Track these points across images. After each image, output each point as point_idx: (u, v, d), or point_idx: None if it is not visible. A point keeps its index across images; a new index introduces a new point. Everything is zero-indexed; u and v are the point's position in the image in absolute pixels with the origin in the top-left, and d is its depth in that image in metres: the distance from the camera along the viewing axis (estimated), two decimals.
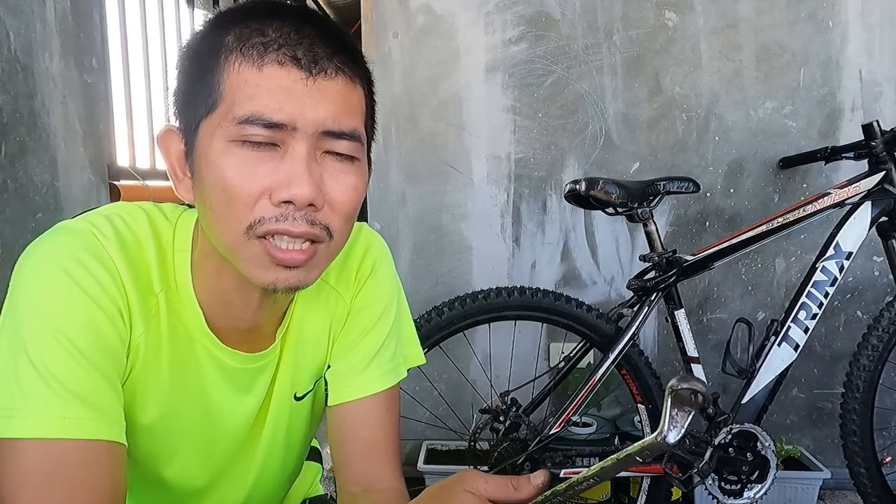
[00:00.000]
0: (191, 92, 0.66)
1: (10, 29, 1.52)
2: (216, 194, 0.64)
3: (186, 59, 0.67)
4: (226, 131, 0.63)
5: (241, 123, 0.62)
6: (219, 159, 0.63)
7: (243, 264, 0.67)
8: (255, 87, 0.62)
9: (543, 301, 1.55)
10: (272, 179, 0.63)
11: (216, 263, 0.71)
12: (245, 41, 0.63)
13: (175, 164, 0.70)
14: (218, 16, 0.67)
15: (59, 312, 0.63)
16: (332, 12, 5.85)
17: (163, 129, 0.69)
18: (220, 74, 0.63)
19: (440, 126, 2.09)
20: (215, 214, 0.65)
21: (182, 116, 0.68)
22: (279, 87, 0.62)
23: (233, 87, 0.62)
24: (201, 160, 0.65)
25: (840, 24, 2.01)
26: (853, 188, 1.58)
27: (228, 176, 0.63)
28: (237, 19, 0.64)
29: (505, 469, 1.49)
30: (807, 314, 1.58)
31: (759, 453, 1.56)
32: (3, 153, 1.50)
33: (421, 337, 1.49)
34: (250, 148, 0.63)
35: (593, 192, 1.50)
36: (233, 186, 0.63)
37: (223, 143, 0.63)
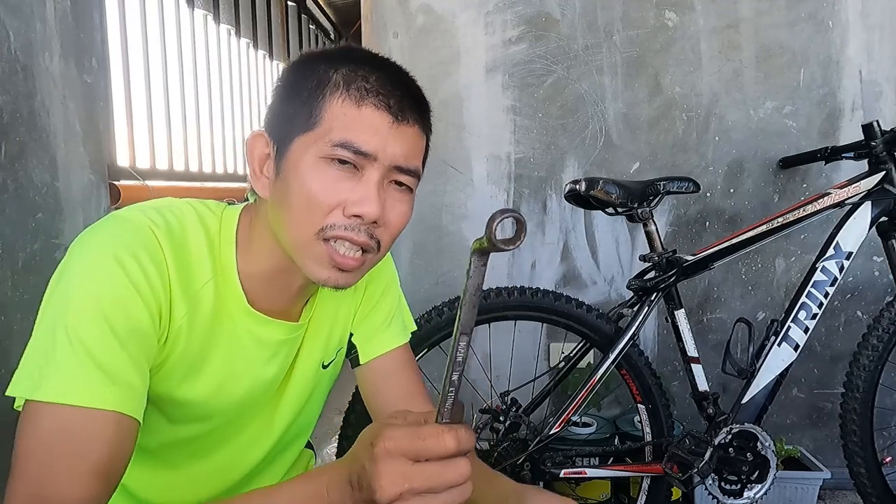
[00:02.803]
0: (290, 109, 0.79)
1: (10, 29, 1.52)
2: (299, 198, 0.77)
3: (289, 82, 0.81)
4: (319, 149, 0.76)
5: (336, 146, 0.76)
6: (308, 171, 0.77)
7: (305, 260, 0.80)
8: (353, 120, 0.77)
9: (543, 301, 1.54)
10: (348, 196, 0.77)
11: (267, 253, 0.84)
12: (351, 83, 0.77)
13: (256, 164, 0.83)
14: (326, 53, 0.82)
15: (105, 297, 0.71)
16: (332, 12, 5.84)
17: (254, 133, 0.83)
18: (323, 103, 0.77)
19: (440, 126, 2.09)
20: (293, 215, 0.78)
21: (275, 127, 0.81)
22: (371, 124, 0.77)
23: (333, 116, 0.77)
24: (291, 168, 0.78)
25: (840, 24, 2.01)
26: (853, 188, 1.58)
27: (315, 186, 0.76)
28: (345, 62, 0.79)
29: (505, 469, 1.49)
30: (807, 314, 1.58)
31: (759, 453, 1.56)
32: (3, 153, 1.50)
33: (421, 337, 1.51)
34: (336, 167, 0.77)
35: (593, 192, 1.50)
36: (316, 195, 0.77)
37: (314, 159, 0.77)
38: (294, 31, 4.68)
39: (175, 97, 2.94)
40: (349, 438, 1.48)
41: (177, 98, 2.96)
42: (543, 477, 1.53)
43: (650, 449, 1.64)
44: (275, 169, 0.80)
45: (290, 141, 0.78)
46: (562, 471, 1.54)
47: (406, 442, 0.58)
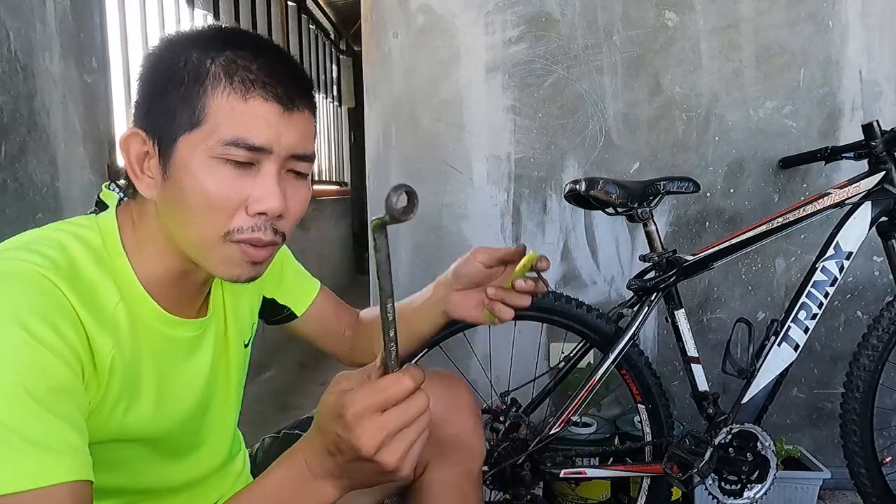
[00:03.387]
0: (167, 105, 0.74)
1: (10, 29, 1.52)
2: (197, 201, 0.74)
3: (158, 74, 0.76)
4: (209, 149, 0.73)
5: (227, 145, 0.73)
6: (201, 172, 0.73)
7: (212, 262, 0.78)
8: (241, 114, 0.73)
9: (543, 301, 1.54)
10: (248, 193, 0.75)
11: (161, 254, 0.81)
12: (233, 74, 0.73)
13: (134, 164, 0.78)
14: (195, 39, 0.76)
15: (17, 368, 0.63)
16: (333, 12, 5.85)
17: (129, 131, 0.77)
18: (205, 98, 0.73)
19: (440, 126, 2.09)
20: (193, 217, 0.75)
21: (152, 124, 0.76)
22: (261, 116, 0.74)
23: (218, 112, 0.73)
24: (181, 169, 0.74)
25: (840, 24, 2.01)
26: (853, 188, 1.58)
27: (211, 189, 0.74)
28: (220, 47, 0.74)
29: (504, 469, 1.49)
30: (807, 314, 1.58)
31: (759, 453, 1.56)
32: (3, 153, 1.50)
33: None
34: (231, 166, 0.74)
35: (593, 192, 1.50)
36: (215, 198, 0.74)
37: (205, 158, 0.73)
38: (294, 31, 4.68)
39: None
40: None
41: None
42: (543, 477, 1.53)
43: (650, 449, 1.64)
44: (160, 169, 0.76)
45: (174, 140, 0.74)
46: (562, 471, 1.54)
47: (371, 399, 0.64)
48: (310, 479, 0.70)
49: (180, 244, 0.79)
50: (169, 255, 0.81)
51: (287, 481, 0.71)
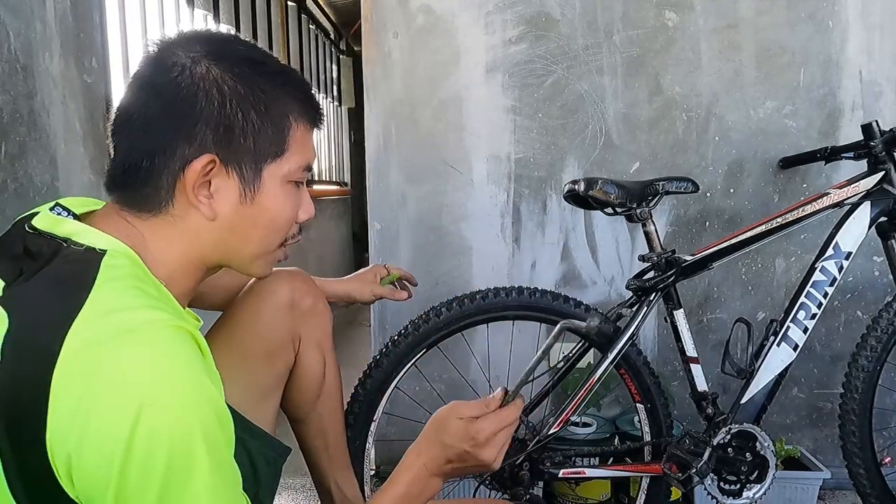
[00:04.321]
0: (252, 136, 0.79)
1: (10, 29, 1.52)
2: (276, 221, 0.84)
3: (237, 102, 0.78)
4: (289, 174, 0.83)
5: (304, 171, 0.85)
6: (281, 195, 0.83)
7: (257, 266, 0.89)
8: (308, 142, 0.86)
9: (542, 301, 1.54)
10: (298, 205, 0.87)
11: (186, 269, 0.82)
12: (307, 112, 0.85)
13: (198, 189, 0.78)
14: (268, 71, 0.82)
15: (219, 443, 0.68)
16: (333, 12, 5.85)
17: (207, 158, 0.77)
18: (290, 132, 0.82)
19: (440, 126, 2.09)
20: (265, 234, 0.85)
21: (232, 151, 0.79)
22: (312, 141, 0.87)
23: (298, 143, 0.83)
24: (265, 194, 0.82)
25: (840, 24, 2.01)
26: (852, 188, 1.58)
27: (288, 208, 0.85)
28: (294, 85, 0.84)
29: (504, 469, 1.49)
30: (806, 314, 1.58)
31: (759, 453, 1.56)
32: (3, 153, 1.50)
33: (420, 337, 1.51)
34: (294, 186, 0.86)
35: (592, 192, 1.50)
36: (290, 216, 0.86)
37: (282, 182, 0.83)
38: (294, 31, 4.68)
39: None
40: (348, 439, 1.48)
41: None
42: (543, 477, 1.53)
43: (649, 449, 1.64)
44: (241, 194, 0.80)
45: (261, 168, 0.81)
46: (561, 470, 1.54)
47: (496, 427, 0.91)
48: (428, 477, 0.94)
49: (225, 257, 0.85)
50: (195, 270, 0.84)
51: (415, 480, 0.93)
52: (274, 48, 4.26)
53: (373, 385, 1.51)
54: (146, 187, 0.77)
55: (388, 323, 2.16)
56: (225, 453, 0.69)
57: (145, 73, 0.80)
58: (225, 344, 1.21)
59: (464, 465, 0.93)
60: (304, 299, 1.29)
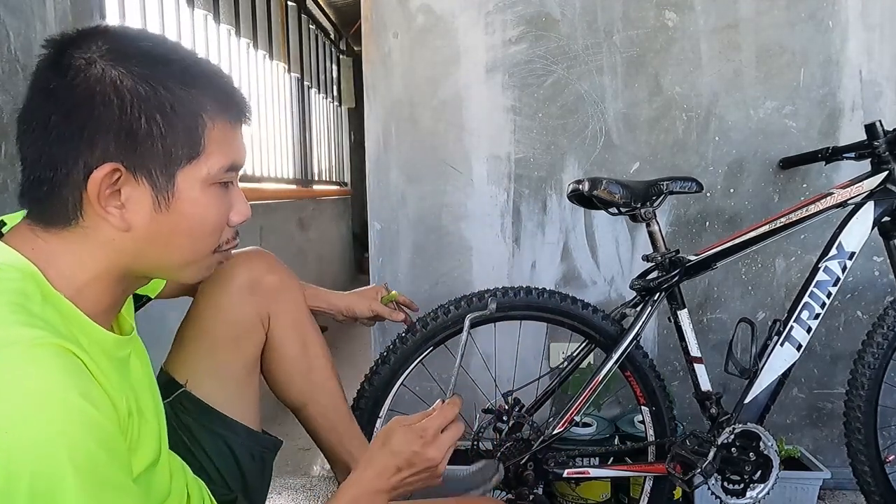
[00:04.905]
0: (159, 140, 0.73)
1: (10, 29, 1.52)
2: (199, 227, 0.78)
3: (134, 105, 0.72)
4: (209, 177, 0.77)
5: (226, 172, 0.78)
6: (202, 199, 0.77)
7: (188, 273, 0.83)
8: (232, 141, 0.79)
9: (549, 301, 1.54)
10: (228, 208, 0.82)
11: (104, 282, 0.77)
12: (225, 108, 0.78)
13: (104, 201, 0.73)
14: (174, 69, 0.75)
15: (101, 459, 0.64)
16: (333, 12, 5.85)
17: (109, 167, 0.71)
18: (203, 132, 0.76)
19: (440, 126, 2.09)
20: (188, 242, 0.79)
21: (138, 158, 0.73)
22: (240, 139, 0.82)
23: (213, 142, 0.77)
24: (181, 200, 0.76)
25: (840, 24, 2.02)
26: (856, 188, 1.58)
27: (212, 212, 0.79)
28: (207, 80, 0.77)
29: (508, 469, 1.49)
30: (809, 314, 1.58)
31: (762, 453, 1.56)
32: (3, 153, 1.49)
33: (427, 335, 1.51)
34: (220, 187, 0.79)
35: (597, 192, 1.50)
36: (216, 220, 0.80)
37: (204, 186, 0.77)
38: (294, 31, 4.68)
39: None
40: None
41: None
42: (547, 477, 1.53)
43: (653, 449, 1.64)
44: (154, 202, 0.74)
45: (174, 173, 0.75)
46: (565, 470, 1.54)
47: (438, 423, 0.96)
48: (374, 493, 0.94)
49: (149, 267, 0.80)
50: (114, 282, 0.78)
51: (361, 495, 0.94)
52: (274, 48, 4.26)
53: (380, 381, 1.50)
54: (52, 200, 0.73)
55: (389, 323, 2.15)
56: (108, 472, 0.64)
57: (42, 77, 0.74)
58: (193, 338, 1.19)
59: (411, 470, 0.95)
60: (265, 277, 1.23)
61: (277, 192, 4.15)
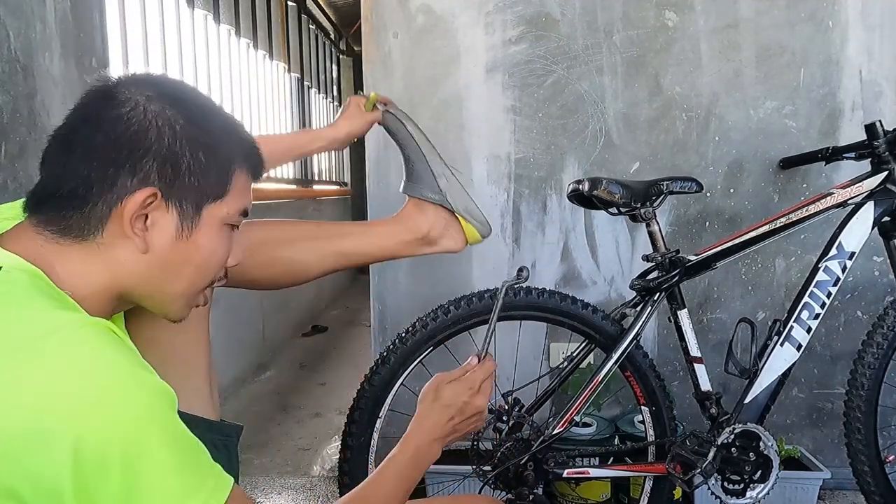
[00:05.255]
0: (197, 175, 0.80)
1: (10, 29, 1.52)
2: (208, 261, 0.85)
3: (193, 148, 0.80)
4: (226, 217, 0.84)
5: (241, 216, 0.87)
6: (217, 236, 0.84)
7: (175, 306, 0.86)
8: (247, 189, 0.88)
9: (549, 301, 1.54)
10: (230, 249, 0.88)
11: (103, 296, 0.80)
12: (251, 162, 0.88)
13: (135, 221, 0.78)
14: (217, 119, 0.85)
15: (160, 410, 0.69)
16: (332, 12, 5.85)
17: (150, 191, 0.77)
18: (232, 177, 0.84)
19: (440, 126, 2.09)
20: (194, 273, 0.84)
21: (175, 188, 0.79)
22: (251, 188, 0.89)
23: (239, 188, 0.85)
24: (202, 233, 0.83)
25: (840, 24, 2.02)
26: (856, 188, 1.58)
27: (221, 250, 0.86)
28: (239, 135, 0.87)
29: (508, 469, 1.49)
30: (809, 314, 1.58)
31: (762, 453, 1.56)
32: (3, 153, 1.50)
33: (428, 334, 1.51)
34: (229, 228, 0.87)
35: (597, 192, 1.50)
36: (221, 258, 0.87)
37: (220, 224, 0.84)
38: (294, 31, 4.68)
39: None
40: (353, 435, 1.49)
41: None
42: (547, 477, 1.53)
43: (653, 449, 1.64)
44: (179, 230, 0.80)
45: (201, 207, 0.82)
46: (565, 470, 1.54)
47: (482, 375, 1.14)
48: (431, 442, 1.07)
49: (146, 292, 0.83)
50: (109, 301, 0.81)
51: (422, 446, 1.06)
52: (274, 48, 4.26)
53: (380, 381, 1.50)
54: (76, 213, 0.76)
55: (389, 323, 2.16)
56: (184, 432, 0.72)
57: (92, 105, 0.79)
58: None
59: (462, 417, 1.10)
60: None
61: (277, 192, 4.16)
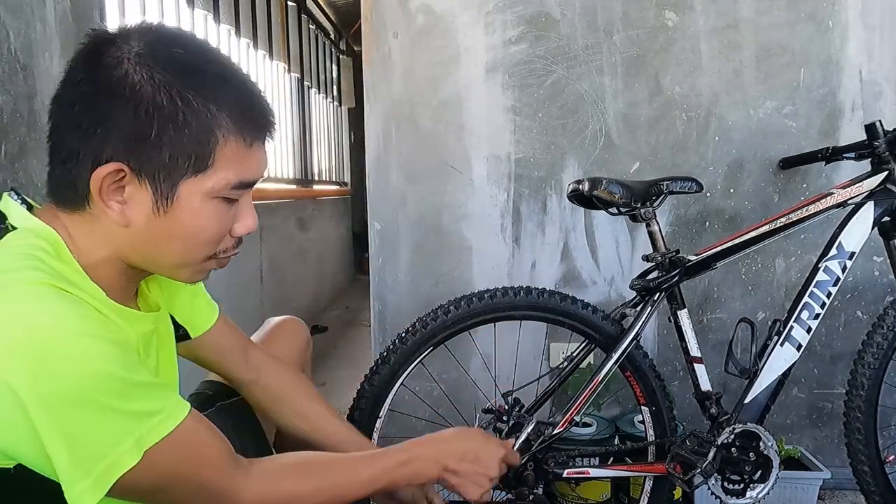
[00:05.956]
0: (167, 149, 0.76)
1: (10, 29, 1.52)
2: (194, 235, 0.81)
3: (148, 110, 0.74)
4: (212, 190, 0.79)
5: (232, 188, 0.80)
6: (202, 211, 0.79)
7: (181, 273, 0.86)
8: (244, 159, 0.80)
9: (549, 301, 1.54)
10: (232, 220, 0.84)
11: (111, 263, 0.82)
12: (245, 126, 0.79)
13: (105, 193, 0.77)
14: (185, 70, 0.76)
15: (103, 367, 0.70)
16: (332, 12, 5.84)
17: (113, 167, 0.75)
18: (214, 147, 0.77)
19: (440, 126, 2.09)
20: (182, 247, 0.81)
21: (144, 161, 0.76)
22: (258, 157, 0.82)
23: (224, 159, 0.78)
24: (181, 208, 0.78)
25: (840, 24, 2.02)
26: (856, 188, 1.58)
27: (210, 224, 0.81)
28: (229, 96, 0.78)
29: (508, 469, 1.49)
30: (809, 314, 1.58)
31: (762, 453, 1.56)
32: (3, 153, 1.49)
33: (427, 335, 1.51)
34: (224, 201, 0.81)
35: (597, 192, 1.50)
36: (213, 232, 0.82)
37: (206, 198, 0.79)
38: (294, 31, 4.68)
39: None
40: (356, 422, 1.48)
41: None
42: (547, 477, 1.53)
43: (653, 449, 1.64)
44: (154, 205, 0.78)
45: (176, 182, 0.77)
46: (565, 471, 1.54)
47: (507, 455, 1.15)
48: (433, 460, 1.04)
49: (144, 262, 0.84)
50: (118, 265, 0.83)
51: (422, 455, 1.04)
52: (274, 48, 4.26)
53: (380, 381, 1.50)
54: (67, 184, 0.78)
55: (389, 323, 2.16)
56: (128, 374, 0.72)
57: (75, 66, 0.78)
58: None
59: (471, 464, 1.06)
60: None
61: (278, 192, 4.15)
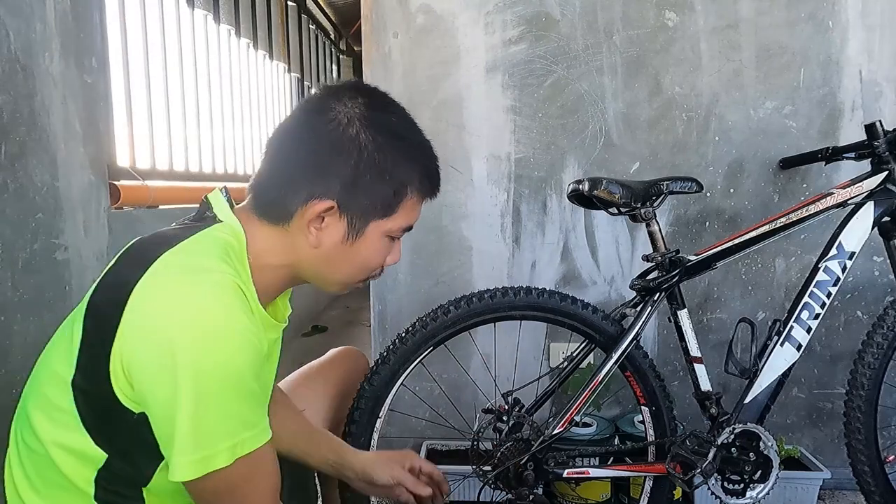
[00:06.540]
0: (371, 195, 0.95)
1: (10, 29, 1.52)
2: (364, 263, 1.01)
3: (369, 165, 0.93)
4: (388, 231, 0.99)
5: (403, 231, 1.01)
6: (376, 246, 0.99)
7: (334, 286, 1.04)
8: (415, 209, 1.01)
9: (549, 301, 1.54)
10: (388, 253, 1.03)
11: (276, 270, 0.98)
12: (426, 186, 1.01)
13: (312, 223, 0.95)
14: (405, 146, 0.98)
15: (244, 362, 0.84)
16: (332, 12, 5.84)
17: (329, 204, 0.93)
18: (403, 198, 0.97)
19: (440, 126, 2.09)
20: (350, 269, 1.01)
21: (351, 202, 0.94)
22: (420, 210, 1.02)
23: (407, 209, 0.99)
24: (364, 241, 0.97)
25: (840, 24, 2.02)
26: (856, 188, 1.57)
27: (377, 257, 1.01)
28: (423, 162, 1.00)
29: (508, 469, 1.49)
30: (809, 314, 1.58)
31: (762, 453, 1.56)
32: (3, 153, 1.50)
33: (427, 334, 1.51)
34: (390, 239, 1.01)
35: (597, 192, 1.50)
36: (377, 262, 1.02)
37: (381, 236, 0.99)
38: (294, 31, 4.67)
39: (175, 97, 2.93)
40: (353, 435, 1.48)
41: (177, 98, 2.96)
42: (547, 477, 1.53)
43: (653, 449, 1.64)
44: (345, 236, 0.96)
45: (368, 222, 0.96)
46: (565, 471, 1.54)
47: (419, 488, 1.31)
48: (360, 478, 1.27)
49: (314, 275, 1.01)
50: (285, 274, 1.00)
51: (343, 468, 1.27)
52: (274, 48, 4.26)
53: (380, 381, 1.50)
54: (276, 204, 0.95)
55: (389, 323, 2.16)
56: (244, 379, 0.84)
57: (307, 115, 0.96)
58: None
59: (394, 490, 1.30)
60: None
61: None
